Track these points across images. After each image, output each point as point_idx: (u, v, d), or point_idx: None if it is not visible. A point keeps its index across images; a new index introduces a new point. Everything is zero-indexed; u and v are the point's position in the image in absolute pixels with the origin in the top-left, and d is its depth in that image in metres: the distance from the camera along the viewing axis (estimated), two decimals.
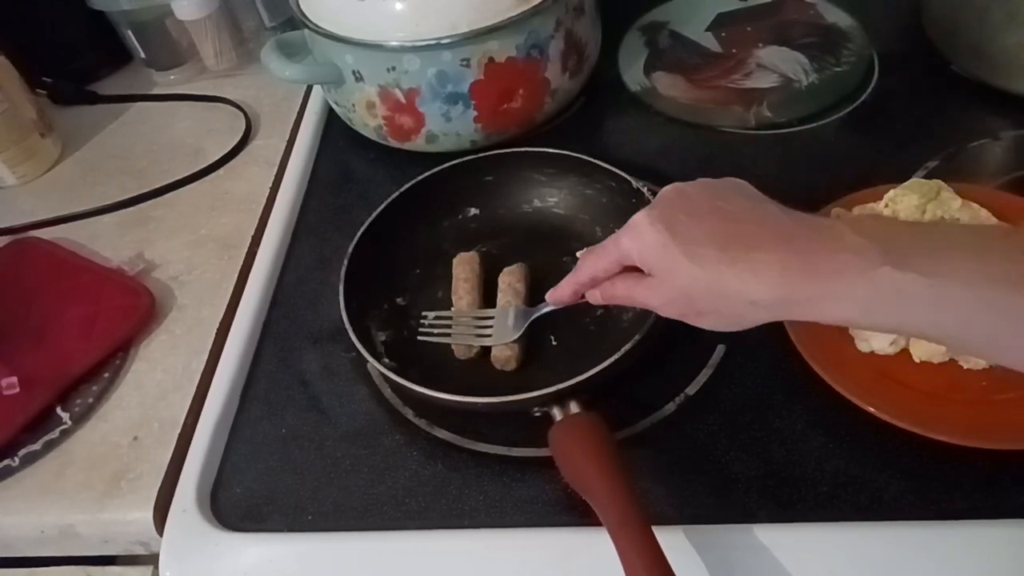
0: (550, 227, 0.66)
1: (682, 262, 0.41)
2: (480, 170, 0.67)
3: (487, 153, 0.68)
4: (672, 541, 0.47)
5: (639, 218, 0.43)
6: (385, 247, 0.63)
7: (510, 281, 0.60)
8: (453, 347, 0.58)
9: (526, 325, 0.57)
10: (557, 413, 0.51)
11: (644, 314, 0.54)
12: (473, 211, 0.68)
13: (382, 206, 0.64)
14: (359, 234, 0.62)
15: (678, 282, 0.42)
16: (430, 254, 0.65)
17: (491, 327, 0.58)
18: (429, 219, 0.67)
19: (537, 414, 0.52)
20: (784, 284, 0.38)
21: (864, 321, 0.39)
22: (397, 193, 0.65)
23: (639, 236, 0.43)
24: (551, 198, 0.68)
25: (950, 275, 0.35)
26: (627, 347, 0.51)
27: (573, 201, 0.67)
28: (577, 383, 0.50)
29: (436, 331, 0.59)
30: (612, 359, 0.51)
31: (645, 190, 0.61)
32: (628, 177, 0.62)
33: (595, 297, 0.49)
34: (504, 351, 0.57)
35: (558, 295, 0.51)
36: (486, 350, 0.58)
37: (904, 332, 0.39)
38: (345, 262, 0.60)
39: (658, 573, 0.41)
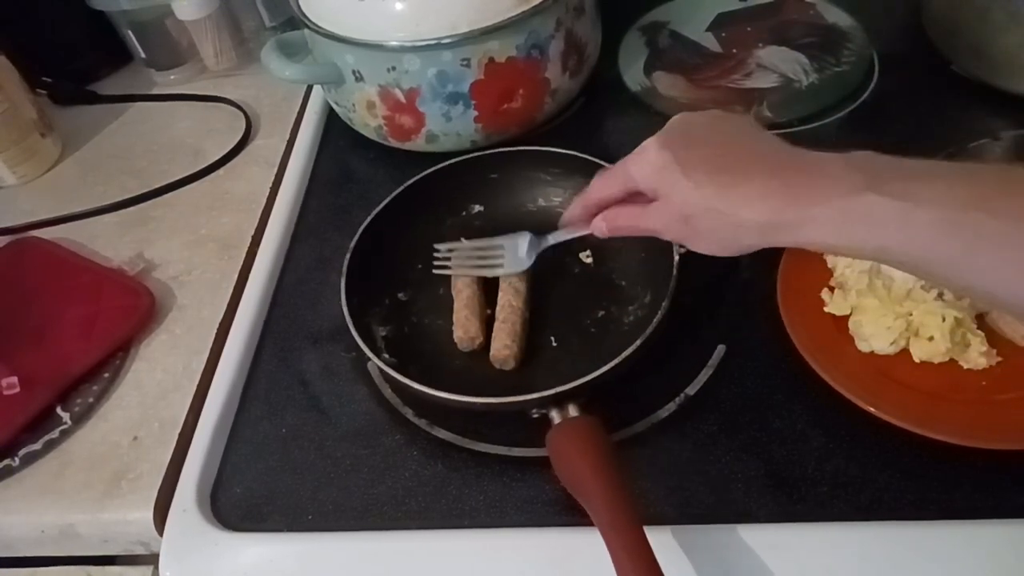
0: (553, 227, 0.66)
1: (682, 183, 0.44)
2: (485, 168, 0.67)
3: (493, 151, 0.68)
4: (672, 541, 0.47)
5: (647, 143, 0.46)
6: (388, 242, 0.63)
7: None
8: (455, 337, 0.58)
9: (537, 254, 0.58)
10: (555, 415, 0.51)
11: (646, 317, 0.54)
12: (477, 208, 0.68)
13: (385, 201, 0.64)
14: (362, 229, 0.62)
15: (677, 203, 0.45)
16: (433, 250, 0.65)
17: (503, 258, 0.59)
18: (433, 215, 0.67)
19: (535, 415, 0.52)
20: (769, 208, 0.41)
21: (840, 244, 0.41)
22: (401, 189, 0.65)
23: (644, 159, 0.46)
24: (556, 198, 0.68)
25: (918, 197, 0.37)
26: (627, 352, 0.51)
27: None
28: (576, 386, 0.50)
29: (449, 264, 0.61)
30: (612, 364, 0.51)
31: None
32: None
33: (600, 229, 0.52)
34: (503, 351, 0.56)
35: (569, 216, 0.54)
36: (488, 342, 0.58)
37: (879, 258, 0.42)
38: (347, 256, 0.60)
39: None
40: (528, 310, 0.59)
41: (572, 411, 0.50)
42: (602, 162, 0.64)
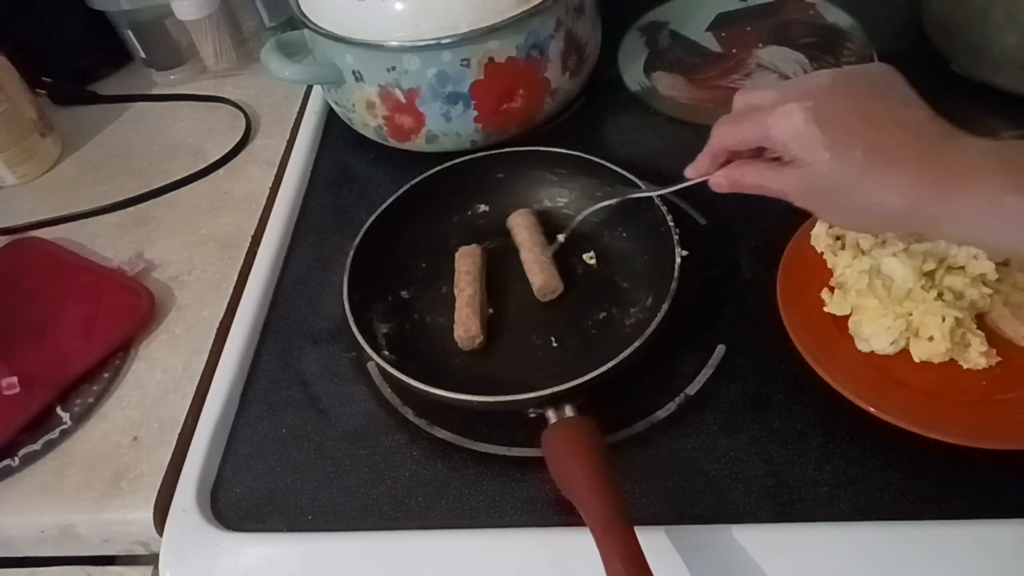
0: (558, 227, 0.66)
1: (830, 159, 0.42)
2: (491, 167, 0.68)
3: (498, 151, 0.68)
4: (672, 541, 0.47)
5: (793, 107, 0.44)
6: (391, 240, 0.63)
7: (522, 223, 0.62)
8: (456, 336, 0.58)
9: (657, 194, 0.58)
10: (552, 415, 0.51)
11: (646, 319, 0.54)
12: (482, 208, 0.68)
13: (390, 199, 0.64)
14: (366, 226, 0.62)
15: (821, 177, 0.43)
16: (437, 248, 0.65)
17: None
18: (437, 214, 0.67)
19: (532, 415, 0.52)
20: (916, 197, 0.41)
21: (984, 241, 0.41)
22: (406, 187, 0.65)
23: (790, 123, 0.44)
24: (561, 198, 0.68)
25: None
26: (623, 355, 0.51)
27: (583, 203, 0.66)
28: (572, 387, 0.50)
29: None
30: (607, 366, 0.51)
31: (655, 196, 0.61)
32: (639, 181, 0.62)
33: (721, 185, 0.50)
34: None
35: (699, 168, 0.51)
36: (491, 342, 0.58)
37: (1006, 253, 0.44)
38: (351, 252, 0.60)
39: None
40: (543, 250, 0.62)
41: (568, 411, 0.50)
42: (607, 163, 0.64)
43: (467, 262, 0.62)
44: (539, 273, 0.60)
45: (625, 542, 0.43)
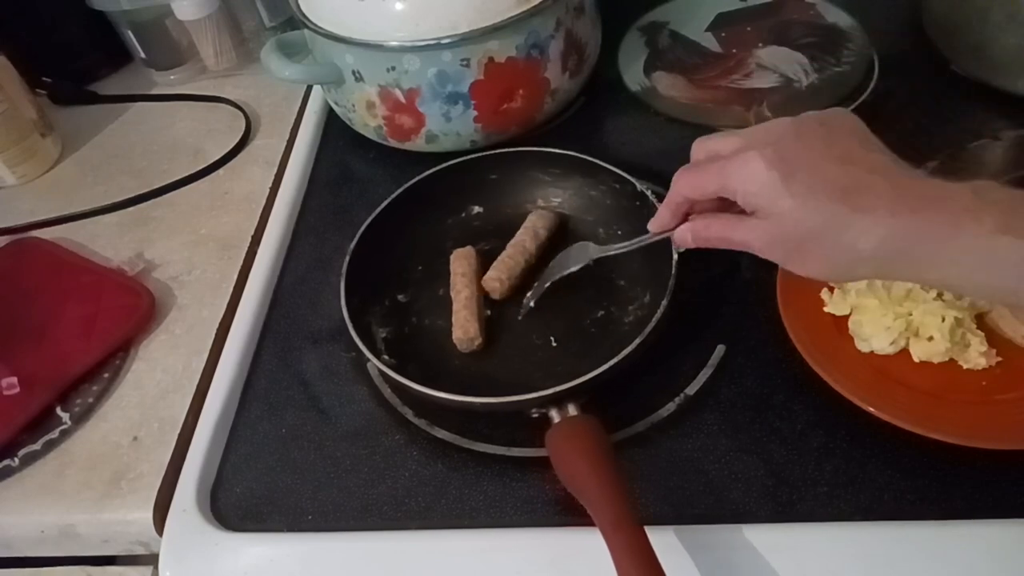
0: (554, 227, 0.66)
1: (795, 207, 0.40)
2: (484, 168, 0.67)
3: (492, 152, 0.68)
4: (672, 541, 0.47)
5: (752, 155, 0.41)
6: (388, 243, 0.63)
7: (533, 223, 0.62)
8: (455, 338, 0.58)
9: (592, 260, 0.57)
10: (555, 415, 0.51)
11: (645, 317, 0.54)
12: (477, 209, 0.68)
13: (384, 203, 0.64)
14: (361, 230, 0.62)
15: (787, 226, 0.41)
16: (432, 251, 0.65)
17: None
18: (432, 216, 0.67)
19: (535, 415, 0.52)
20: (894, 242, 0.38)
21: (969, 284, 0.39)
22: (399, 191, 0.65)
23: (752, 174, 0.41)
24: (555, 198, 0.68)
25: None
26: (626, 351, 0.51)
27: (577, 202, 0.67)
28: (575, 386, 0.50)
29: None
30: (610, 363, 0.51)
31: (648, 193, 0.61)
32: (632, 179, 0.62)
33: (685, 240, 0.47)
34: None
35: (660, 223, 0.49)
36: (489, 344, 0.58)
37: (1004, 300, 0.41)
38: (347, 257, 0.60)
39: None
40: (536, 255, 0.62)
41: (571, 410, 0.50)
42: (601, 163, 0.64)
43: (462, 264, 0.62)
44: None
45: (635, 539, 0.43)
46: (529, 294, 0.60)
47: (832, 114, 0.44)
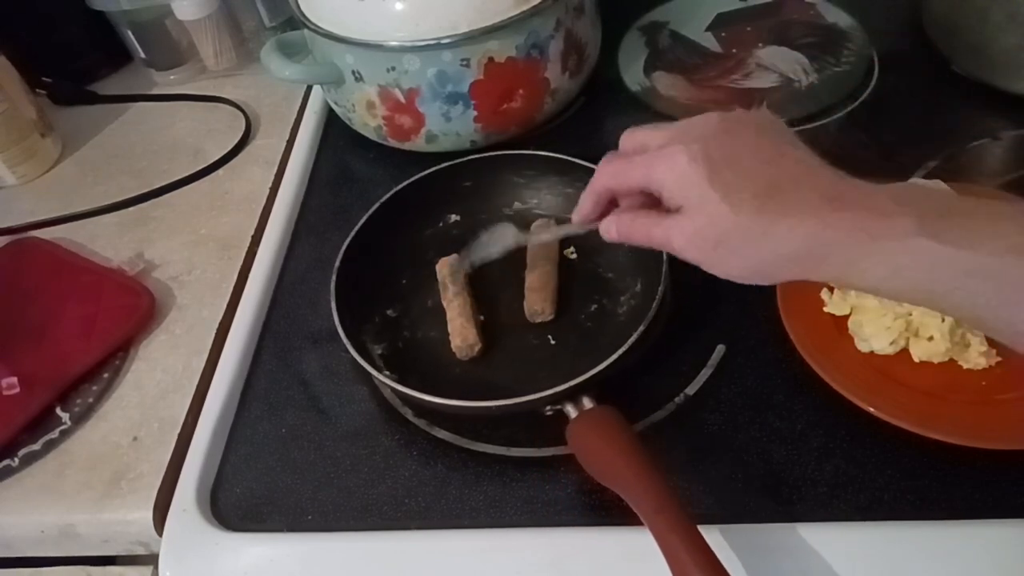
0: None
1: (718, 204, 0.39)
2: (458, 177, 0.67)
3: (464, 159, 0.68)
4: None
5: (677, 149, 0.41)
6: (370, 260, 0.63)
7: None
8: (454, 347, 0.58)
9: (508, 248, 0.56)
10: (571, 410, 0.50)
11: (639, 304, 0.54)
12: (454, 217, 0.68)
13: (361, 221, 0.63)
14: (343, 249, 0.61)
15: (708, 223, 0.40)
16: (415, 263, 0.65)
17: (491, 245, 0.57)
18: (410, 228, 0.66)
19: (549, 413, 0.52)
20: (816, 244, 0.38)
21: (888, 287, 0.38)
22: (375, 207, 0.64)
23: (675, 168, 0.41)
24: (532, 199, 0.68)
25: (971, 244, 0.35)
26: (640, 330, 0.51)
27: (554, 201, 0.67)
28: (591, 376, 0.50)
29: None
30: (629, 343, 0.51)
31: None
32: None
33: (610, 233, 0.46)
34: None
35: (582, 213, 0.48)
36: (487, 348, 0.58)
37: (922, 302, 0.39)
38: (333, 277, 0.59)
39: (700, 555, 0.40)
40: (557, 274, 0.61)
41: (587, 403, 0.50)
42: (575, 160, 0.64)
43: (450, 272, 0.62)
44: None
45: (680, 520, 0.42)
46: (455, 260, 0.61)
47: (761, 114, 0.43)
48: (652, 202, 0.44)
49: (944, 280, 0.37)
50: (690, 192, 0.40)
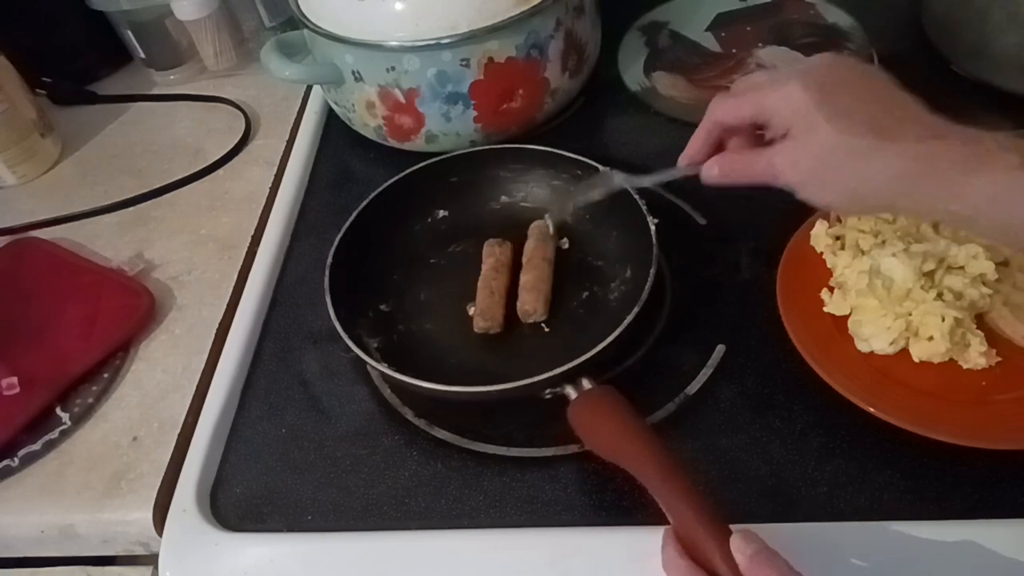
0: (521, 221, 0.66)
1: (826, 124, 0.41)
2: (445, 172, 0.68)
3: (450, 154, 0.68)
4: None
5: (791, 80, 0.43)
6: (360, 256, 0.63)
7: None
8: (474, 321, 0.59)
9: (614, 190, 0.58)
10: (571, 391, 0.51)
11: (630, 290, 0.55)
12: (442, 213, 0.69)
13: (350, 219, 0.63)
14: (334, 245, 0.61)
15: (816, 142, 0.42)
16: (406, 258, 0.66)
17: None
18: (399, 224, 0.67)
19: (548, 396, 0.52)
20: (919, 169, 0.40)
21: (982, 214, 0.40)
22: (365, 203, 0.64)
23: (786, 95, 0.43)
24: (519, 193, 0.68)
25: None
26: (636, 310, 0.52)
27: (540, 193, 0.67)
28: (590, 357, 0.50)
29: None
30: (624, 323, 0.52)
31: (611, 171, 0.60)
32: (593, 163, 0.62)
33: (712, 173, 0.48)
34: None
35: (690, 151, 0.50)
36: (482, 339, 0.59)
37: (1007, 236, 0.42)
38: (326, 273, 0.59)
39: (710, 522, 0.41)
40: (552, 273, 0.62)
41: (586, 384, 0.51)
42: (561, 152, 0.65)
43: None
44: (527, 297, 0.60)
45: (688, 486, 0.42)
46: (548, 214, 0.63)
47: (870, 65, 0.46)
48: (755, 144, 0.46)
49: None
50: (801, 118, 0.42)
